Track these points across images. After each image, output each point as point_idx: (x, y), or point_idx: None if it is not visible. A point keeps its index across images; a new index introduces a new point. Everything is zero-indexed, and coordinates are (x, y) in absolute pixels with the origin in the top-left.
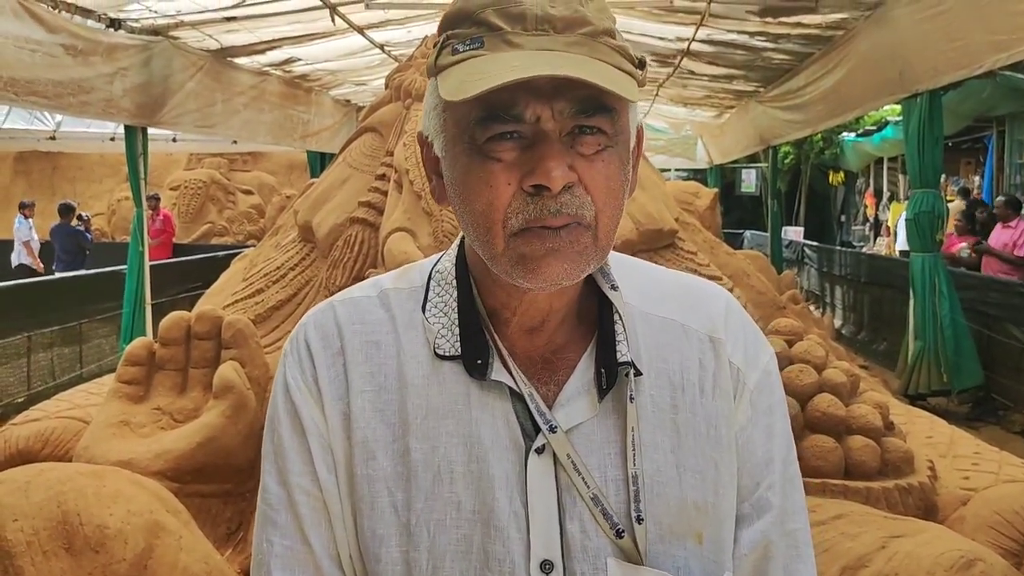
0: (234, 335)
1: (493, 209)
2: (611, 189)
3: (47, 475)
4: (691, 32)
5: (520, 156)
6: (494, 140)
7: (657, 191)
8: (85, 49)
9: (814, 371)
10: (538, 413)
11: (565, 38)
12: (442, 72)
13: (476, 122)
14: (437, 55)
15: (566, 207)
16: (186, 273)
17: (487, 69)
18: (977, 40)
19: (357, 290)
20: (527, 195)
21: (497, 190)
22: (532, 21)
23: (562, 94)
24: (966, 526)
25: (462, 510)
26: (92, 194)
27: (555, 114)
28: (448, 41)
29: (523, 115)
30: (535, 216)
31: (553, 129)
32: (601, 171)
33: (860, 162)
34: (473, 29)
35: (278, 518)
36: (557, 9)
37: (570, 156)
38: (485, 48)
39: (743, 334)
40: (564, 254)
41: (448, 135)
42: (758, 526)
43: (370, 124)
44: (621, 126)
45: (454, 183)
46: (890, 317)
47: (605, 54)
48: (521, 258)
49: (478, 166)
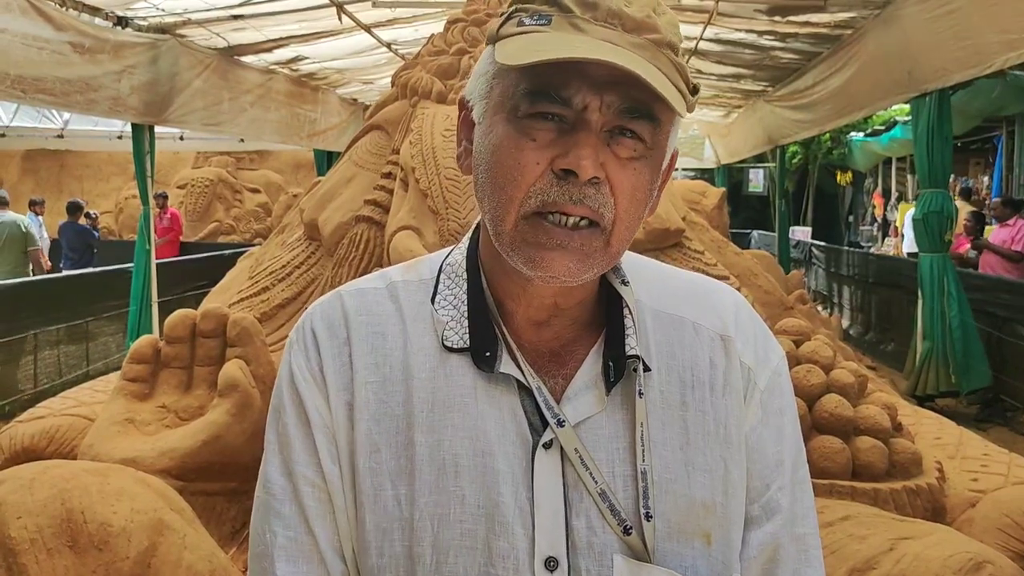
0: (239, 333)
1: (515, 186)
2: (635, 198)
3: (52, 472)
4: (699, 31)
5: (555, 139)
6: (535, 118)
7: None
8: (92, 47)
9: (822, 371)
10: (546, 407)
11: (631, 38)
12: (502, 40)
13: (523, 94)
14: (502, 24)
15: (588, 199)
16: (192, 271)
17: (547, 43)
18: (987, 39)
19: (365, 281)
20: (555, 177)
21: (525, 167)
22: (604, 12)
23: (614, 88)
24: (975, 528)
25: (466, 504)
26: (99, 192)
27: (603, 106)
28: (516, 13)
29: (571, 99)
30: (555, 199)
31: (596, 121)
32: (630, 178)
33: (868, 162)
34: (544, 7)
35: (282, 509)
36: (632, 9)
37: (604, 154)
38: (552, 27)
39: (753, 334)
40: (572, 252)
41: (491, 102)
42: (767, 528)
43: (376, 122)
44: (659, 140)
45: (484, 150)
46: (898, 318)
47: (664, 65)
48: (527, 244)
49: (512, 139)
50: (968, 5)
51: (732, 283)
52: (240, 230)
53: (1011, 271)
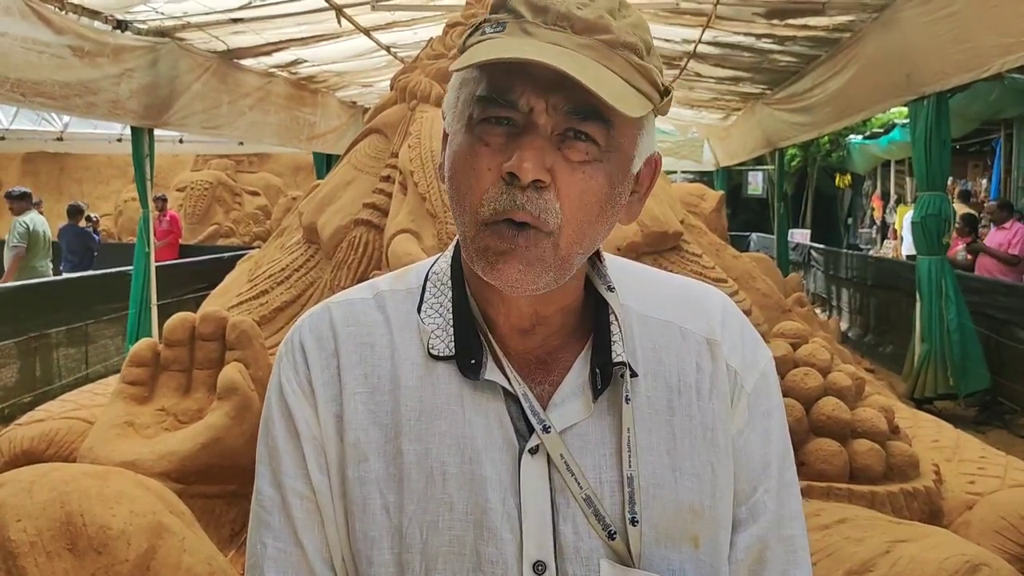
0: (238, 336)
1: (472, 192)
2: (585, 203)
3: (51, 476)
4: (697, 34)
5: (506, 143)
6: (487, 123)
7: (662, 194)
8: (92, 50)
9: (819, 374)
10: (532, 413)
11: (580, 39)
12: (465, 50)
13: (476, 100)
14: (468, 35)
15: (530, 203)
16: (192, 274)
17: (492, 48)
18: (985, 42)
19: (353, 292)
20: (503, 183)
21: (479, 173)
22: (553, 16)
23: (560, 90)
24: (971, 531)
25: (455, 511)
26: (99, 195)
27: (549, 108)
28: (482, 24)
29: (517, 102)
30: (503, 207)
31: (544, 124)
32: (579, 182)
33: (867, 164)
34: (502, 15)
35: (271, 520)
36: (583, 11)
37: (553, 157)
38: (505, 33)
39: (741, 337)
40: (520, 257)
41: (456, 112)
42: (754, 531)
43: (375, 126)
44: (617, 143)
45: (448, 159)
46: (896, 320)
47: (619, 66)
48: (484, 251)
49: (468, 146)
50: (966, 8)
51: (730, 286)
52: (239, 233)
53: (1008, 274)
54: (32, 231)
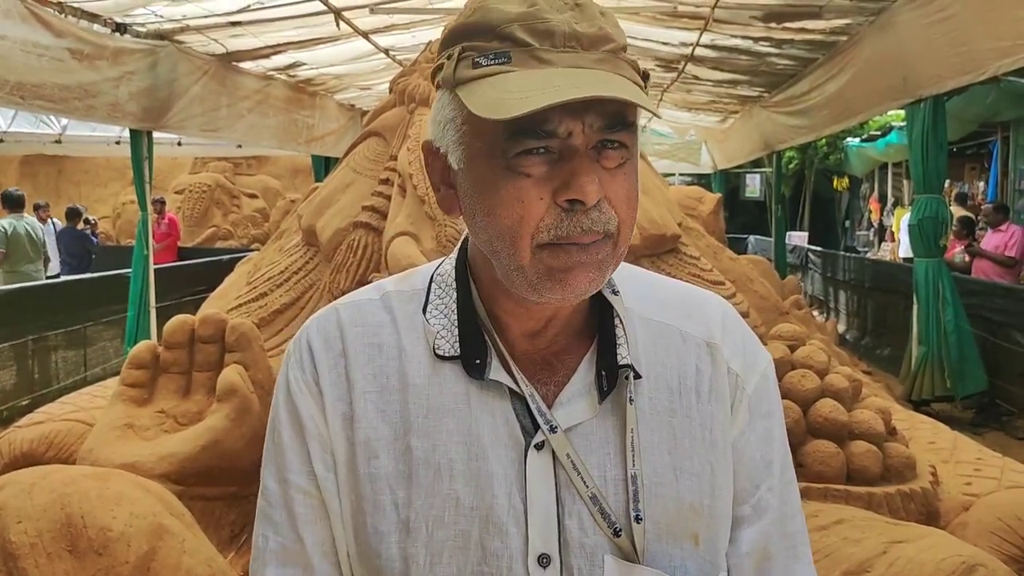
0: (238, 339)
1: (524, 224)
2: (630, 200)
3: (51, 478)
4: (695, 37)
5: (550, 171)
6: (523, 155)
7: (660, 196)
8: (91, 53)
9: (816, 376)
10: (539, 413)
11: (592, 55)
12: (464, 85)
13: (506, 137)
14: (455, 67)
15: (596, 224)
16: (191, 276)
17: (525, 88)
18: (981, 46)
19: (360, 293)
20: (561, 210)
21: (529, 205)
22: (561, 38)
23: (592, 109)
24: (968, 532)
25: (460, 506)
26: (97, 197)
27: (585, 128)
28: (467, 53)
29: (556, 131)
30: (567, 233)
31: (582, 144)
32: (622, 184)
33: (864, 167)
34: (496, 43)
35: (274, 515)
36: (582, 26)
37: (596, 170)
38: (513, 63)
39: (741, 341)
40: (590, 266)
41: (469, 149)
42: (758, 528)
43: (374, 128)
44: (635, 139)
45: (478, 197)
46: (894, 322)
47: (625, 70)
48: (549, 271)
49: (508, 182)
50: (962, 12)
51: (727, 288)
52: (238, 235)
53: (1004, 276)
54: (12, 235)
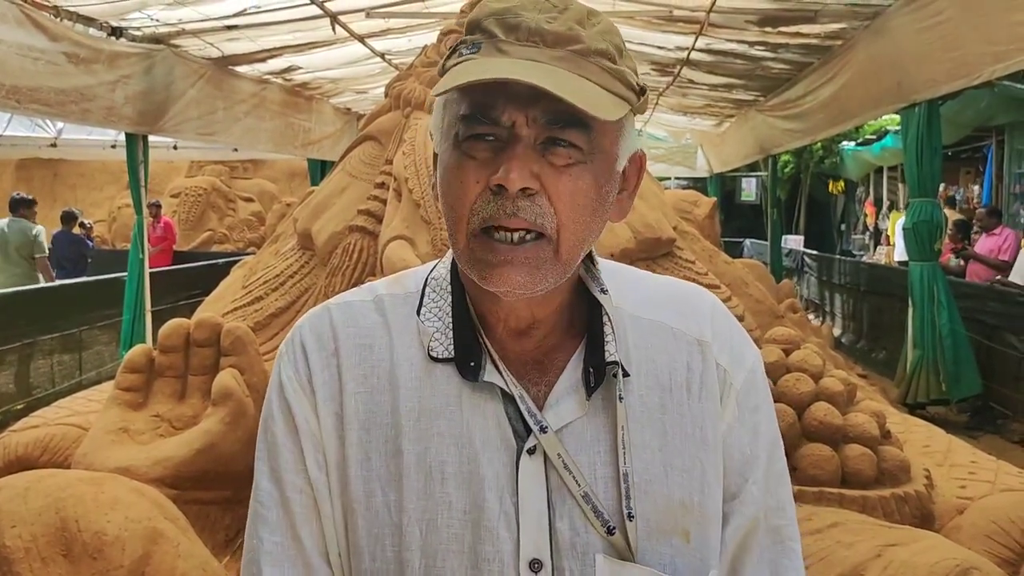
0: (233, 342)
1: (461, 205)
2: (577, 204)
3: (46, 482)
4: (691, 41)
5: (492, 157)
6: (472, 139)
7: (656, 200)
8: (87, 57)
9: (811, 380)
10: (529, 414)
11: (553, 52)
12: (445, 73)
13: (460, 119)
14: (447, 57)
15: (523, 211)
16: (186, 280)
17: (470, 70)
18: (975, 50)
19: (352, 294)
20: (491, 194)
21: (466, 187)
22: (524, 32)
23: (538, 103)
24: (962, 535)
25: (453, 510)
26: (93, 201)
27: (529, 121)
28: (458, 46)
29: (499, 118)
30: (491, 214)
31: (527, 135)
32: (568, 184)
33: (860, 171)
34: (477, 36)
35: (269, 515)
36: (553, 25)
37: (539, 164)
38: (481, 53)
39: (729, 335)
40: (520, 266)
41: (442, 131)
42: (744, 521)
43: (369, 132)
44: (598, 144)
45: (438, 176)
46: (889, 326)
47: (593, 73)
48: (477, 262)
49: (455, 162)
50: (957, 16)
51: (723, 292)
52: (233, 239)
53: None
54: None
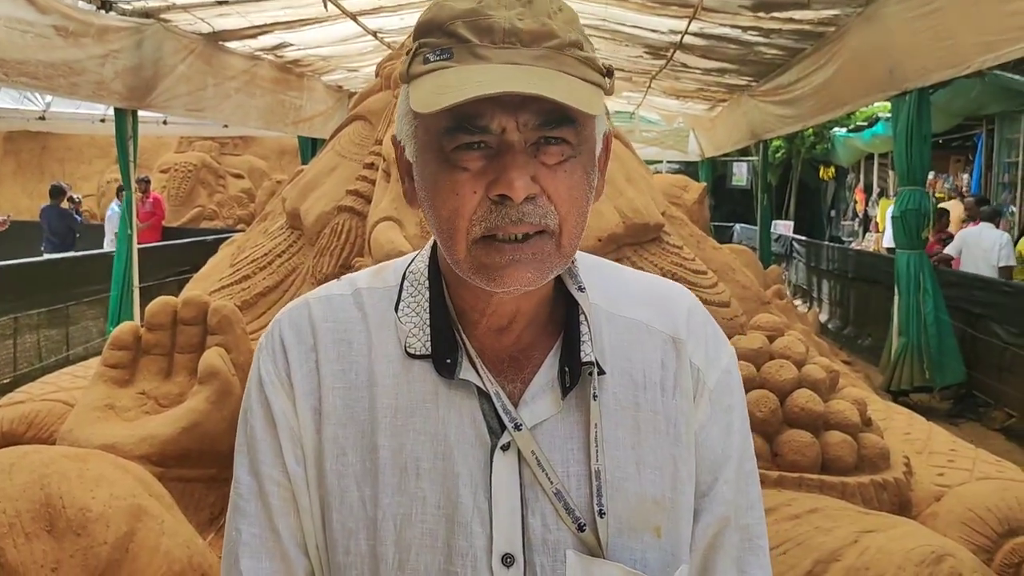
0: (220, 321)
1: (458, 216)
2: (574, 198)
3: (31, 457)
4: (684, 25)
5: (486, 166)
6: (461, 149)
7: (644, 185)
8: (76, 30)
9: (794, 367)
10: (504, 411)
11: (532, 52)
12: (413, 81)
13: (444, 132)
14: (409, 63)
15: (528, 216)
16: (174, 257)
17: (455, 82)
18: (966, 40)
19: (333, 287)
20: (491, 203)
21: (463, 198)
22: (500, 34)
23: (527, 107)
24: (939, 522)
25: (427, 505)
26: (81, 175)
27: (520, 126)
28: (420, 50)
29: (489, 126)
30: (496, 224)
31: (518, 140)
32: (564, 181)
33: (851, 157)
34: (444, 40)
35: (247, 507)
36: (525, 23)
37: (533, 166)
38: (454, 60)
39: (704, 335)
40: (527, 263)
41: (419, 142)
42: (712, 519)
43: (359, 112)
44: (585, 136)
45: (424, 189)
46: (875, 313)
47: (571, 66)
48: (482, 267)
49: (446, 174)
50: (948, 6)
51: (710, 278)
52: (223, 216)
53: None
54: None
